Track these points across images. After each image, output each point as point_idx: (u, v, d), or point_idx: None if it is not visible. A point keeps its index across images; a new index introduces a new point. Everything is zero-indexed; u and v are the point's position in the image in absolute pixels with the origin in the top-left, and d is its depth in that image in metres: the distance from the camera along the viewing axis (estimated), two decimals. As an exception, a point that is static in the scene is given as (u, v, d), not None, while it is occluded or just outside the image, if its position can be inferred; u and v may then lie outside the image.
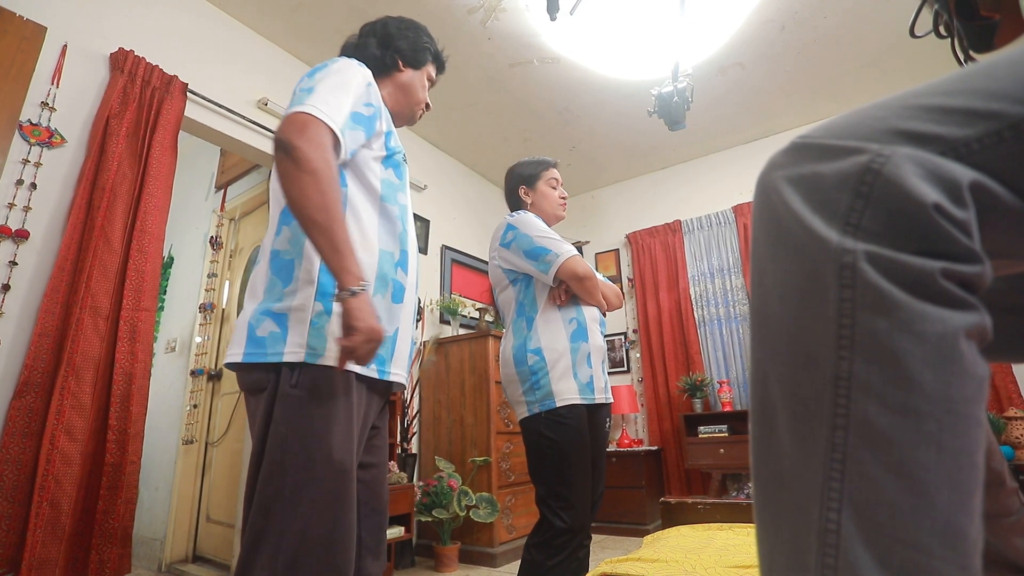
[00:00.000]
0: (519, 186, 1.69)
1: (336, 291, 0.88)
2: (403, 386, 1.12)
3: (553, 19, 2.05)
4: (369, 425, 1.03)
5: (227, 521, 2.66)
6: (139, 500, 2.36)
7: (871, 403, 0.34)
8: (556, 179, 1.70)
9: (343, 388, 0.93)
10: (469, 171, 4.23)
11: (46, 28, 1.92)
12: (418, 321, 3.27)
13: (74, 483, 1.68)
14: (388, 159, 1.09)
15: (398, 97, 1.24)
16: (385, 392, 1.09)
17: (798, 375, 0.37)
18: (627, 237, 4.34)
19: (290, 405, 0.89)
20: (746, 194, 3.90)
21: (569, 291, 1.49)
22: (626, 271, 4.36)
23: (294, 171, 0.86)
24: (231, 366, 0.95)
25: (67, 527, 1.65)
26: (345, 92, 0.99)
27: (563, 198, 1.70)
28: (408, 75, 1.24)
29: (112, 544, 1.75)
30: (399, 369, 1.07)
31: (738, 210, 3.85)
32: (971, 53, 0.65)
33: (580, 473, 1.35)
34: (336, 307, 0.93)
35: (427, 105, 1.30)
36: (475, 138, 3.81)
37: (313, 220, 0.86)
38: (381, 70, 1.22)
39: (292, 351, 0.90)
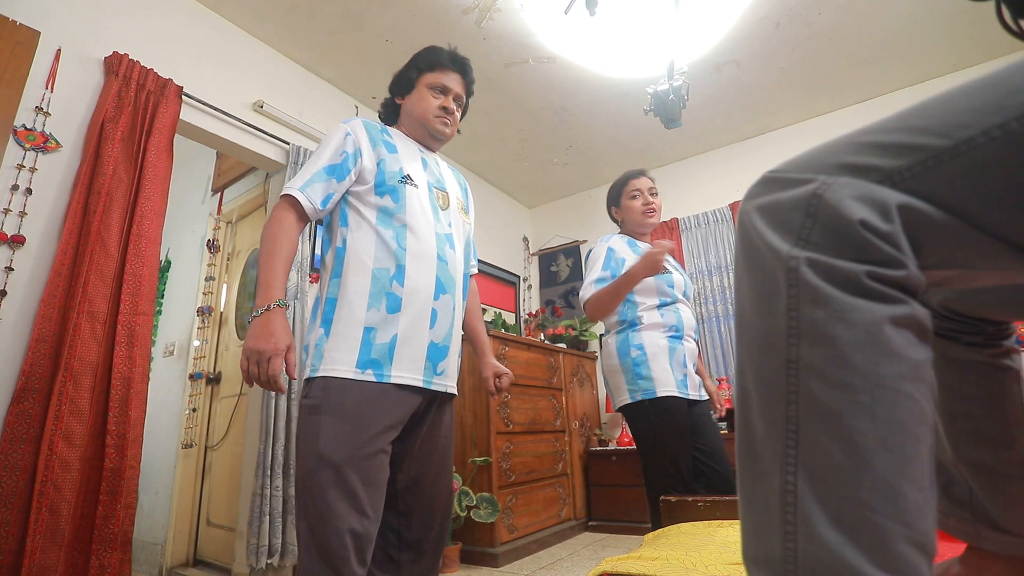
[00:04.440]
0: (610, 207, 1.87)
1: None
2: (436, 392, 1.24)
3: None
4: (394, 426, 1.14)
5: (228, 525, 2.65)
6: (139, 505, 2.35)
7: (815, 380, 0.41)
8: (638, 190, 1.81)
9: (336, 392, 1.10)
10: (466, 172, 4.22)
11: (39, 33, 1.92)
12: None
13: (73, 488, 1.68)
14: (380, 187, 1.23)
15: (408, 125, 1.38)
16: (407, 398, 1.17)
17: (763, 362, 0.45)
18: (625, 236, 4.34)
19: (301, 413, 1.12)
20: (743, 191, 3.89)
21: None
22: (624, 270, 4.36)
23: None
24: None
25: (66, 533, 1.65)
26: (318, 157, 1.21)
27: (645, 204, 1.79)
28: (404, 102, 1.39)
29: (112, 549, 1.74)
30: (401, 372, 1.17)
31: (735, 208, 3.85)
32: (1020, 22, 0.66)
33: (682, 451, 1.58)
34: (331, 328, 1.16)
35: (445, 109, 1.35)
36: (472, 138, 3.80)
37: (258, 266, 1.13)
38: (394, 115, 1.42)
39: (307, 371, 1.15)
